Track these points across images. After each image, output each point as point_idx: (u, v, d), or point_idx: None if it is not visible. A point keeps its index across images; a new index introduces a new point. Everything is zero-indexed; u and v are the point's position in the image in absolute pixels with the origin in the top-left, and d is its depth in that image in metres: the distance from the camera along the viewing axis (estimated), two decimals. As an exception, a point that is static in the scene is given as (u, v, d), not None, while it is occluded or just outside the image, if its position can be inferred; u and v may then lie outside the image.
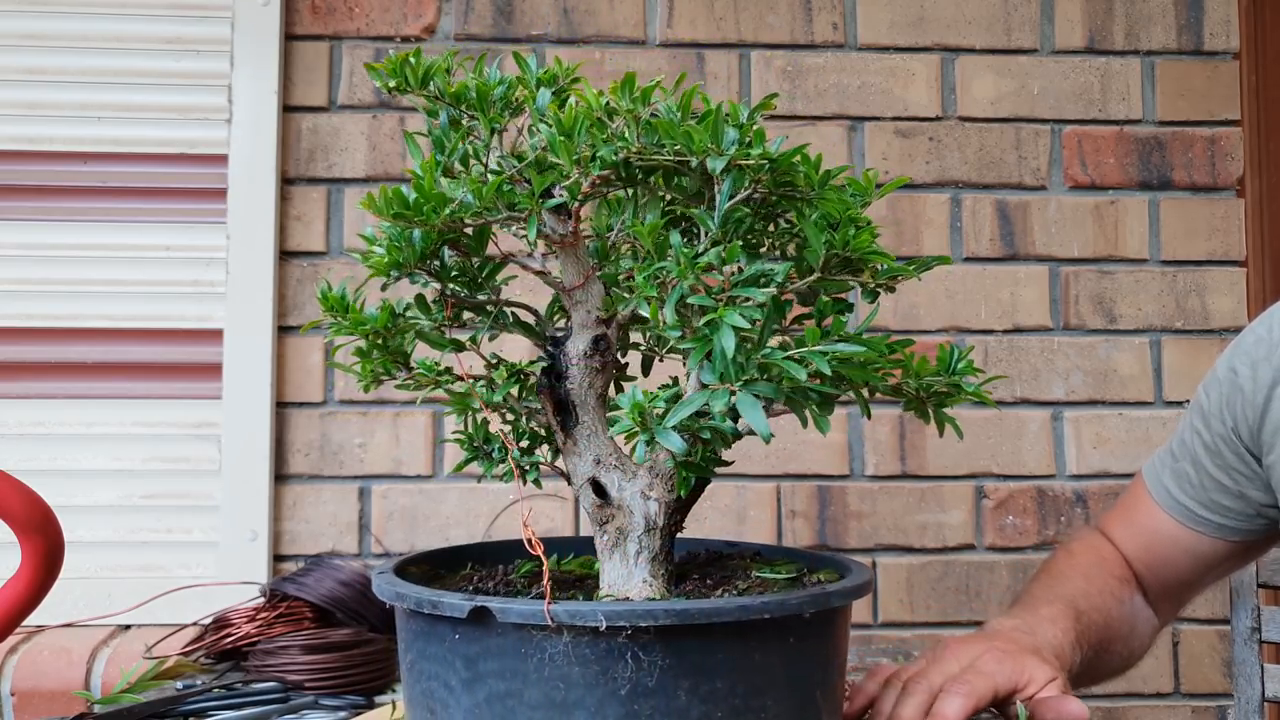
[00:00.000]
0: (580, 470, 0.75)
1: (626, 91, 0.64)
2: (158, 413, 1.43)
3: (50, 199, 1.45)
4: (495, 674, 0.63)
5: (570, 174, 0.65)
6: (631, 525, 0.73)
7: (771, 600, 0.65)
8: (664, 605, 0.63)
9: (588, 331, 0.74)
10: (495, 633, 0.63)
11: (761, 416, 0.60)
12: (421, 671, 0.68)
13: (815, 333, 0.63)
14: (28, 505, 0.84)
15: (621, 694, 0.62)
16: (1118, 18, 1.57)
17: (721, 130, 0.63)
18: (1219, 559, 1.02)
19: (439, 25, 1.52)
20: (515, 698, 0.63)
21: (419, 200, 0.66)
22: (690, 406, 0.62)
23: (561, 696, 0.62)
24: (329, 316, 0.73)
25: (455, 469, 0.81)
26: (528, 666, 0.62)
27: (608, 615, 0.61)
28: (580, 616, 0.61)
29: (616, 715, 0.62)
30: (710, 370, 0.62)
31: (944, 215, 1.54)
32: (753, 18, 1.54)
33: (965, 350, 0.71)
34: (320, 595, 1.21)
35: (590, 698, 0.62)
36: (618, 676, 0.62)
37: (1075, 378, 1.52)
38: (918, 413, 0.73)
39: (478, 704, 0.64)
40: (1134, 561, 1.07)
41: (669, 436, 0.64)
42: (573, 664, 0.62)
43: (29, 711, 1.23)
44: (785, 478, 1.49)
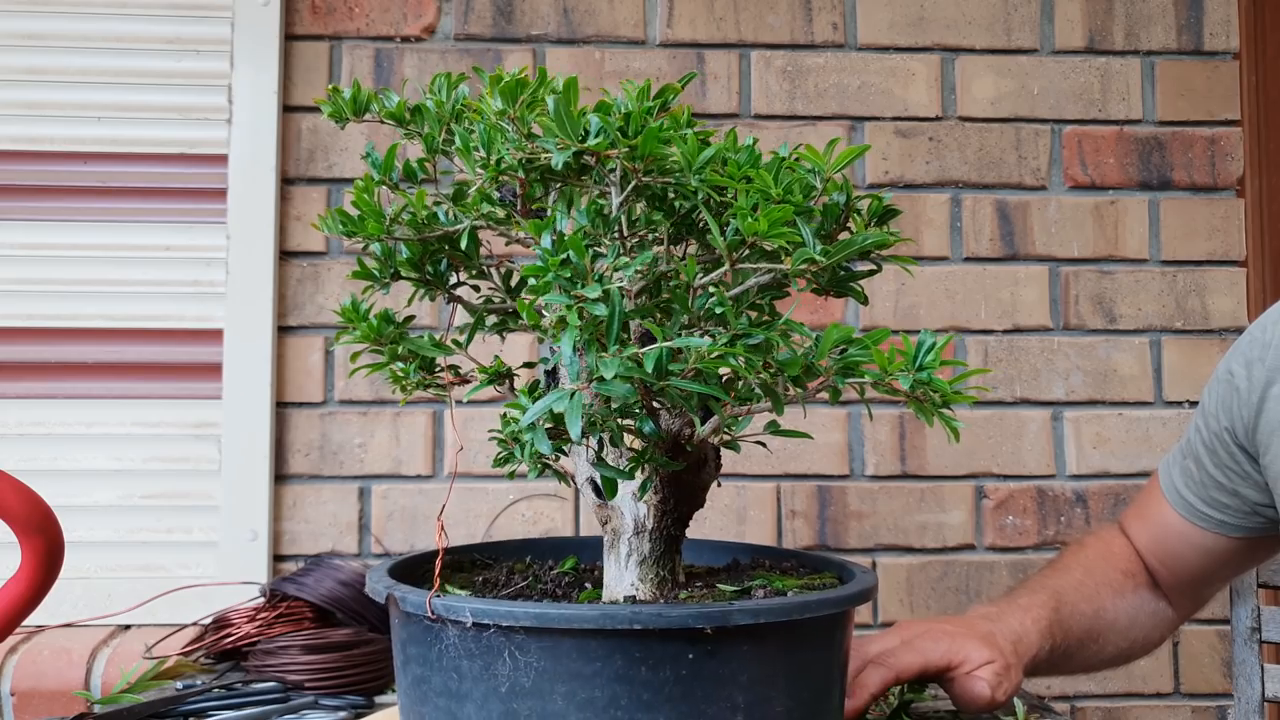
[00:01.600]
0: (580, 470, 0.75)
1: (505, 96, 0.65)
2: (158, 413, 1.43)
3: (50, 199, 1.45)
4: (416, 659, 0.68)
5: (474, 178, 0.68)
6: (623, 527, 0.73)
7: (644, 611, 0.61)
8: (526, 608, 0.62)
9: None
10: (413, 621, 0.67)
11: (576, 422, 0.57)
12: (398, 654, 0.73)
13: (659, 330, 0.59)
14: (28, 505, 0.84)
15: (502, 691, 0.63)
16: (1118, 18, 1.57)
17: (579, 122, 0.62)
18: (1226, 554, 1.03)
19: (439, 25, 1.52)
20: (426, 684, 0.67)
21: (361, 215, 0.71)
22: (539, 410, 0.59)
23: (456, 686, 0.65)
24: (347, 324, 0.77)
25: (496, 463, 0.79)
26: (432, 654, 0.65)
27: (474, 613, 0.62)
28: (453, 611, 0.63)
29: (498, 712, 0.63)
30: (571, 371, 0.62)
31: (944, 215, 1.54)
32: (753, 18, 1.54)
33: (940, 344, 0.63)
34: (320, 595, 1.21)
35: (476, 690, 0.64)
36: (499, 674, 0.63)
37: (1075, 378, 1.52)
38: (918, 412, 0.70)
39: (409, 684, 0.70)
40: (1147, 556, 1.08)
41: (539, 436, 0.61)
42: (462, 656, 0.64)
43: (29, 711, 1.23)
44: (785, 478, 1.49)
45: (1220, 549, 1.02)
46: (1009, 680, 0.90)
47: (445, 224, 0.71)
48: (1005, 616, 0.97)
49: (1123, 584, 1.05)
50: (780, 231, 0.59)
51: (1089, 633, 1.02)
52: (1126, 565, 1.07)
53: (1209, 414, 1.00)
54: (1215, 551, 1.03)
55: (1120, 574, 1.06)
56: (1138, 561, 1.08)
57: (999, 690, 0.88)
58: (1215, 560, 1.04)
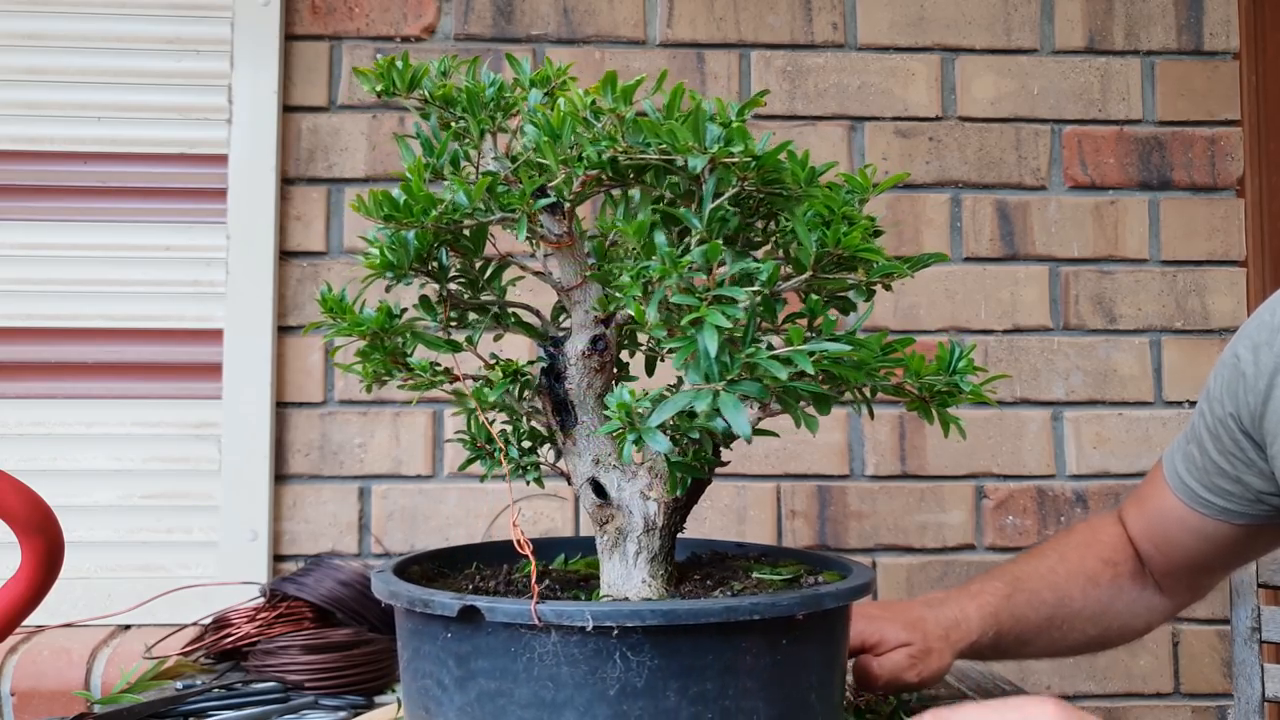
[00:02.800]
0: (580, 470, 0.75)
1: (609, 90, 0.64)
2: (158, 413, 1.43)
3: (50, 199, 1.45)
4: (486, 672, 0.63)
5: (557, 174, 0.65)
6: (631, 525, 0.73)
7: (761, 601, 0.64)
8: (651, 606, 0.63)
9: (586, 331, 0.74)
10: (486, 632, 0.63)
11: (743, 416, 0.60)
12: (417, 670, 0.69)
13: (799, 332, 0.62)
14: (28, 505, 0.84)
15: (610, 694, 0.62)
16: (1118, 18, 1.57)
17: (703, 128, 0.62)
18: (1228, 542, 1.01)
19: (439, 25, 1.52)
20: (506, 696, 0.63)
21: (408, 202, 0.66)
22: (674, 407, 0.61)
23: (551, 696, 0.62)
24: (328, 318, 0.73)
25: (460, 468, 0.81)
26: (517, 666, 0.62)
27: (595, 615, 0.61)
28: (567, 616, 0.61)
29: (605, 716, 0.62)
30: (695, 370, 0.61)
31: (944, 215, 1.54)
32: (753, 18, 1.54)
33: (966, 349, 0.70)
34: (320, 595, 1.21)
35: (579, 697, 0.62)
36: (606, 677, 0.62)
37: (1075, 378, 1.52)
38: (921, 413, 0.72)
39: (470, 702, 0.64)
40: (1142, 542, 1.07)
41: (655, 437, 0.63)
42: (561, 663, 0.62)
43: (29, 711, 1.23)
44: (785, 478, 1.49)
45: (1221, 536, 1.01)
46: (925, 664, 0.94)
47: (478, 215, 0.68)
48: (948, 603, 1.01)
49: (1099, 572, 1.06)
50: (868, 245, 0.65)
51: (1049, 620, 1.04)
52: (1110, 554, 1.07)
53: (1214, 399, 0.97)
54: (1216, 538, 1.01)
55: (1099, 562, 1.06)
56: (1126, 550, 1.08)
57: (910, 672, 0.93)
58: (1216, 547, 1.02)
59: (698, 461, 0.70)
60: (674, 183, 0.70)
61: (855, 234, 0.64)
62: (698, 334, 0.59)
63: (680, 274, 0.61)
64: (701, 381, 0.61)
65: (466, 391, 0.74)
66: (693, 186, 0.68)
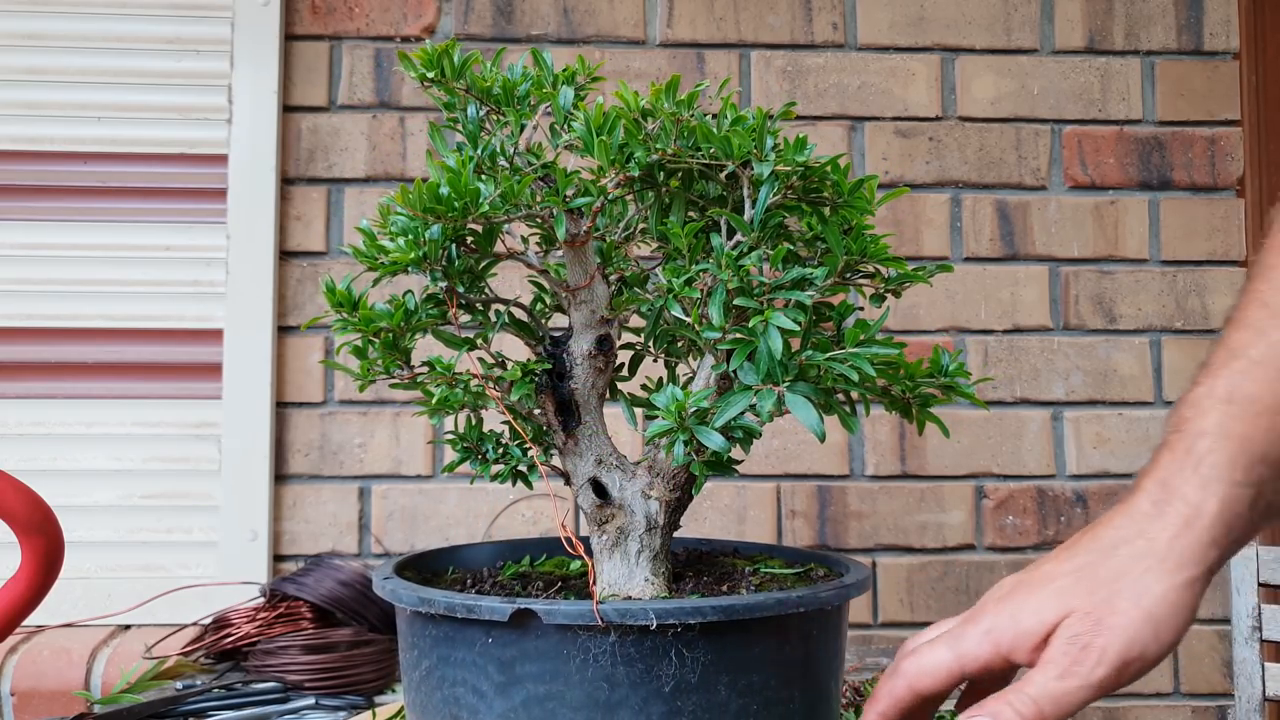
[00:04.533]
0: (581, 470, 0.75)
1: (670, 95, 0.65)
2: (158, 413, 1.43)
3: (50, 199, 1.45)
4: (534, 677, 0.63)
5: (606, 173, 0.65)
6: (633, 525, 0.73)
7: (805, 594, 0.66)
8: (709, 602, 0.64)
9: (591, 331, 0.74)
10: (535, 635, 0.63)
11: (815, 415, 0.61)
12: (444, 678, 0.66)
13: (855, 334, 0.64)
14: (28, 505, 0.84)
15: (665, 691, 0.62)
16: (1118, 18, 1.57)
17: (765, 138, 0.65)
18: None
19: (439, 25, 1.52)
20: (557, 699, 0.62)
21: (452, 196, 0.64)
22: (737, 406, 0.63)
23: (605, 696, 0.62)
24: (336, 312, 0.72)
25: (447, 469, 0.81)
26: (570, 668, 0.62)
27: (658, 613, 0.61)
28: (630, 615, 0.61)
29: (660, 713, 0.62)
30: (753, 371, 0.63)
31: (944, 215, 1.54)
32: (753, 18, 1.54)
33: (955, 354, 0.72)
34: (320, 595, 1.21)
35: (635, 696, 0.62)
36: (662, 674, 0.62)
37: (1075, 378, 1.52)
38: (903, 414, 0.74)
39: (514, 708, 0.63)
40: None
41: (710, 435, 0.64)
42: (618, 663, 0.62)
43: (29, 711, 1.23)
44: (785, 478, 1.49)
45: None
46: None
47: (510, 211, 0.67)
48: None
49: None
50: (896, 258, 0.68)
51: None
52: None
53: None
54: None
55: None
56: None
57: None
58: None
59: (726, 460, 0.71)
60: (700, 188, 0.71)
61: (882, 244, 0.66)
62: (761, 336, 0.61)
63: (741, 277, 0.62)
64: (759, 382, 0.62)
65: (494, 394, 0.73)
66: (725, 192, 0.70)
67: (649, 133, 0.65)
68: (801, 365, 0.63)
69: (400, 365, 0.73)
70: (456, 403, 0.73)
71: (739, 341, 0.63)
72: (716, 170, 0.67)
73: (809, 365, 0.63)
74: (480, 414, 0.78)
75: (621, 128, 0.65)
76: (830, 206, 0.69)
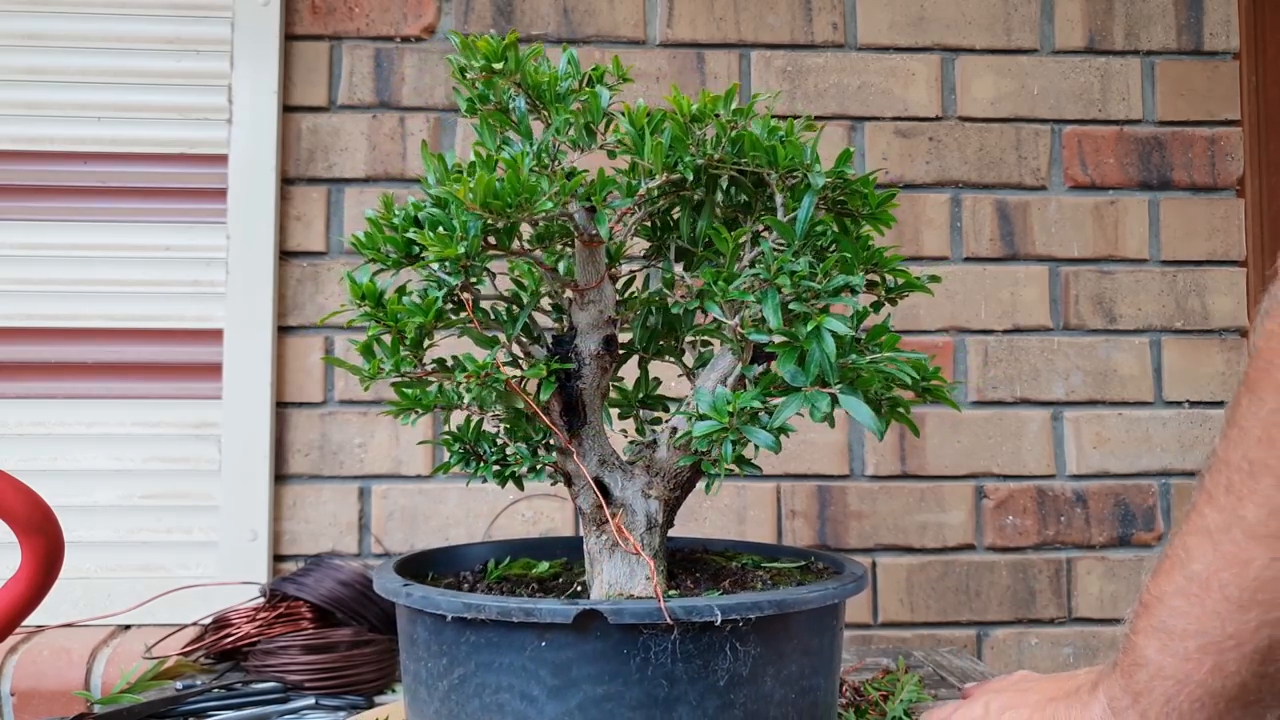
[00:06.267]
0: (583, 470, 0.74)
1: (727, 103, 0.68)
2: (158, 413, 1.43)
3: (50, 199, 1.45)
4: (592, 678, 0.63)
5: (657, 174, 0.66)
6: (634, 524, 0.73)
7: (838, 587, 0.69)
8: (765, 596, 0.66)
9: (599, 331, 0.74)
10: (595, 636, 0.62)
11: (871, 414, 0.64)
12: (484, 685, 0.65)
13: (894, 339, 0.67)
14: (28, 505, 0.84)
15: (720, 685, 0.64)
16: (1118, 18, 1.57)
17: (816, 151, 0.68)
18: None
19: (439, 25, 1.52)
20: (615, 700, 0.62)
21: (507, 192, 0.63)
22: (793, 407, 0.65)
23: (665, 693, 0.63)
24: (358, 306, 0.70)
25: (442, 468, 0.78)
26: (629, 667, 0.62)
27: (722, 609, 0.63)
28: (695, 612, 0.62)
29: (715, 707, 0.63)
30: (803, 374, 0.65)
31: (944, 215, 1.54)
32: (753, 18, 1.54)
33: (930, 356, 0.75)
34: (320, 595, 1.21)
35: (692, 692, 0.63)
36: (717, 669, 0.64)
37: (1075, 378, 1.52)
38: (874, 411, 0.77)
39: (568, 711, 0.63)
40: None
41: (759, 434, 0.67)
42: (677, 660, 0.63)
43: (29, 711, 1.23)
44: (785, 478, 1.49)
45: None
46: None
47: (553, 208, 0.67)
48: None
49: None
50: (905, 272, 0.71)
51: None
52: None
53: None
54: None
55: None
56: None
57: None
58: None
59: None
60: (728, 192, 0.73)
61: (895, 254, 0.69)
62: (816, 339, 0.64)
63: (796, 281, 0.64)
64: (809, 384, 0.64)
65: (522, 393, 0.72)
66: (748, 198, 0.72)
67: (698, 138, 0.66)
68: (845, 368, 0.65)
69: (414, 363, 0.71)
70: (429, 403, 0.72)
71: (785, 345, 0.64)
72: (749, 177, 0.68)
73: (853, 368, 0.65)
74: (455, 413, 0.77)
75: (670, 131, 0.66)
76: (852, 217, 0.72)
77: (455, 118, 1.50)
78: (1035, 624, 1.49)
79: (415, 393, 0.72)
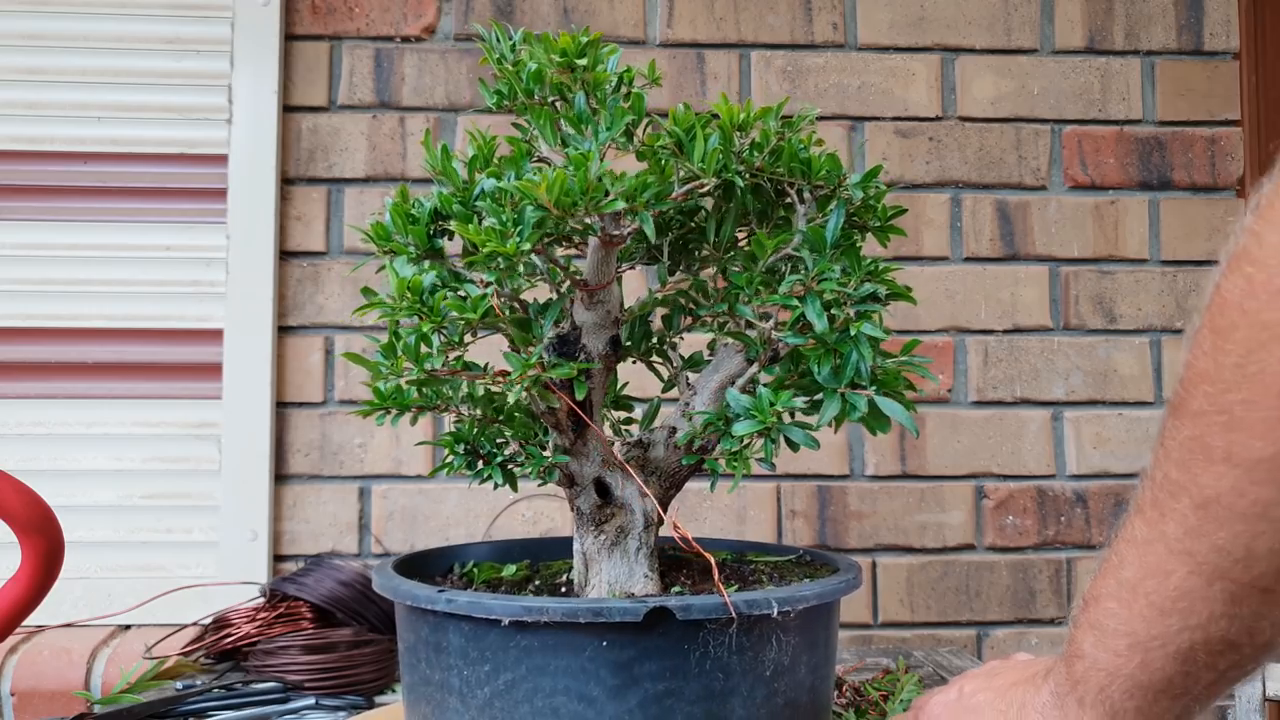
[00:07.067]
0: (587, 471, 0.74)
1: (776, 114, 0.70)
2: (158, 413, 1.43)
3: (50, 199, 1.45)
4: (653, 675, 0.63)
5: (707, 177, 0.67)
6: (633, 523, 0.74)
7: (853, 577, 0.73)
8: (808, 589, 0.68)
9: (605, 331, 0.74)
10: (659, 633, 0.63)
11: (907, 414, 0.67)
12: (537, 689, 0.64)
13: (914, 343, 0.70)
14: (28, 505, 0.84)
15: (767, 675, 0.66)
16: (1118, 18, 1.57)
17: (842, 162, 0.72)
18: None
19: (439, 25, 1.52)
20: (675, 695, 0.63)
21: (578, 190, 0.63)
22: (833, 409, 0.67)
23: (720, 686, 0.64)
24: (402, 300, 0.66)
25: (446, 468, 0.77)
26: (689, 662, 0.64)
27: (778, 601, 0.65)
28: (755, 605, 0.64)
29: (762, 696, 0.66)
30: (834, 377, 0.67)
31: (944, 215, 1.54)
32: (753, 18, 1.54)
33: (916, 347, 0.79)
34: (320, 595, 1.21)
35: (743, 684, 0.65)
36: (765, 660, 0.66)
37: (1075, 378, 1.52)
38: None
39: (629, 710, 0.63)
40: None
41: (796, 432, 0.69)
42: (733, 653, 0.64)
43: (29, 711, 1.23)
44: (785, 478, 1.49)
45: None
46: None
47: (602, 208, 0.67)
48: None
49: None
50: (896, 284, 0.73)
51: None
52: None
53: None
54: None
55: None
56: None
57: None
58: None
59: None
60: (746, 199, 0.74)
61: (890, 267, 0.72)
62: (854, 343, 0.66)
63: (833, 287, 0.67)
64: (840, 385, 0.67)
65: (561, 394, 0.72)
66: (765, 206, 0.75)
67: (742, 145, 0.68)
68: (874, 370, 0.68)
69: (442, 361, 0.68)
70: (406, 403, 0.71)
71: (816, 349, 0.67)
72: (773, 185, 0.70)
73: (881, 369, 0.68)
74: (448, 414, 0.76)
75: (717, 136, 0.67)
76: (862, 228, 0.74)
77: (455, 117, 1.50)
78: (1035, 624, 1.49)
79: (430, 392, 0.72)
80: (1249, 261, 0.43)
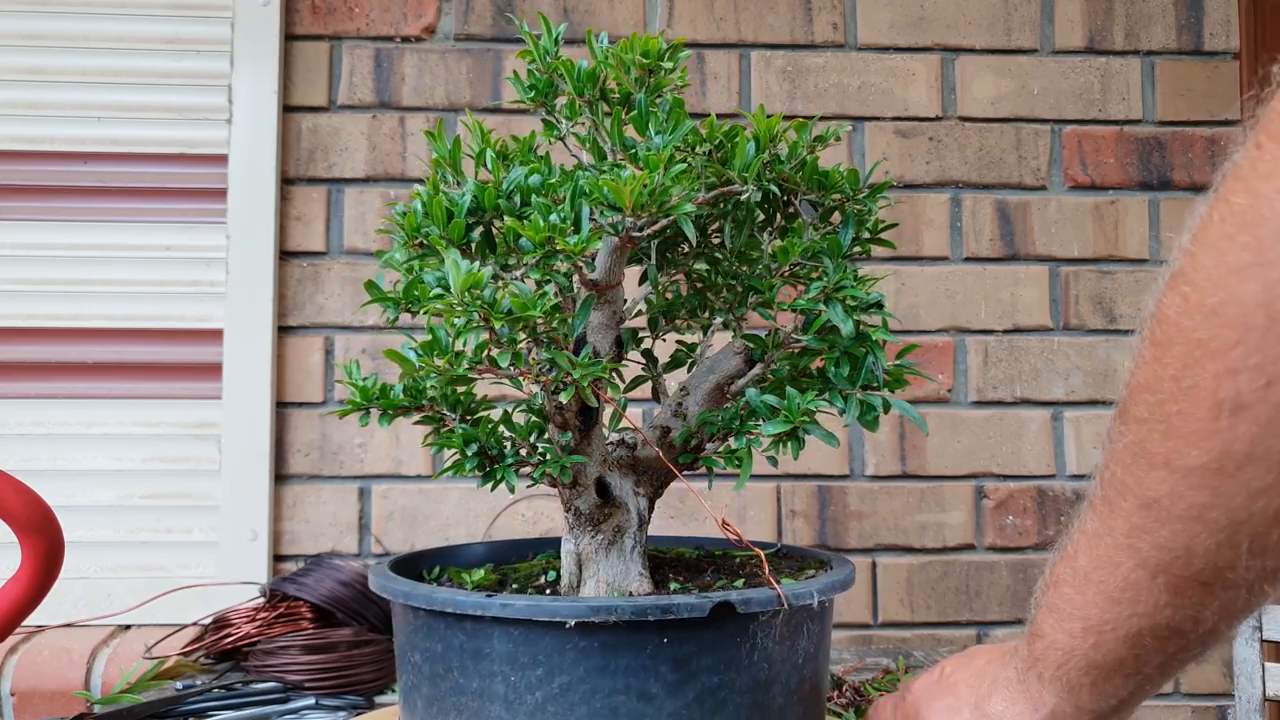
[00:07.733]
0: (589, 470, 0.74)
1: (807, 130, 0.73)
2: (158, 413, 1.43)
3: (50, 199, 1.45)
4: (709, 669, 0.65)
5: (746, 183, 0.69)
6: (629, 522, 0.74)
7: (851, 569, 0.76)
8: (834, 578, 0.72)
9: (610, 331, 0.74)
10: (714, 628, 0.65)
11: (917, 413, 0.70)
12: (595, 690, 0.63)
13: (912, 346, 0.73)
14: (28, 505, 0.84)
15: (798, 662, 0.69)
16: (1118, 18, 1.57)
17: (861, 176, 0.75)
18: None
19: (439, 25, 1.52)
20: (728, 688, 0.65)
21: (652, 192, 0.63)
22: (853, 410, 0.70)
23: (765, 675, 0.67)
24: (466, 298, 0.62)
25: (455, 470, 0.77)
26: (740, 654, 0.66)
27: (818, 590, 0.68)
28: (800, 597, 0.67)
29: (795, 682, 0.69)
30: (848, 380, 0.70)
31: (944, 215, 1.54)
32: (753, 18, 1.54)
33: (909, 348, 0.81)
34: (320, 595, 1.21)
35: (782, 672, 0.68)
36: (798, 648, 0.69)
37: (1075, 378, 1.52)
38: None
39: (686, 704, 0.64)
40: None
41: (818, 429, 0.71)
42: (775, 643, 0.67)
43: (29, 711, 1.23)
44: (785, 478, 1.49)
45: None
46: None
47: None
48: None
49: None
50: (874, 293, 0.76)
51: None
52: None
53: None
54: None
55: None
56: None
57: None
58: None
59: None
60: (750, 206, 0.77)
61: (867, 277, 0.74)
62: (871, 347, 0.70)
63: (852, 293, 0.69)
64: (852, 388, 0.71)
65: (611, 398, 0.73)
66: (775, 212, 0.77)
67: (773, 156, 0.71)
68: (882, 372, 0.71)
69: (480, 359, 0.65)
70: (394, 403, 0.72)
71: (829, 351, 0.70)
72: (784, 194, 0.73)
73: (888, 371, 0.71)
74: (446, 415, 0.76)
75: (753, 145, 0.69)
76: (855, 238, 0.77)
77: (455, 118, 1.50)
78: (1035, 624, 1.49)
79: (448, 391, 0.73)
80: (1184, 281, 0.47)
